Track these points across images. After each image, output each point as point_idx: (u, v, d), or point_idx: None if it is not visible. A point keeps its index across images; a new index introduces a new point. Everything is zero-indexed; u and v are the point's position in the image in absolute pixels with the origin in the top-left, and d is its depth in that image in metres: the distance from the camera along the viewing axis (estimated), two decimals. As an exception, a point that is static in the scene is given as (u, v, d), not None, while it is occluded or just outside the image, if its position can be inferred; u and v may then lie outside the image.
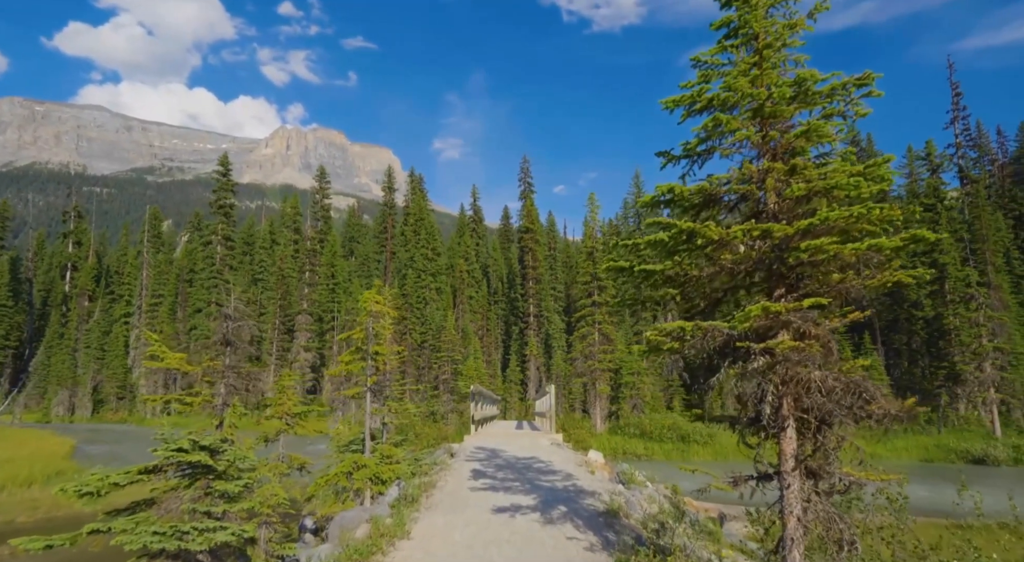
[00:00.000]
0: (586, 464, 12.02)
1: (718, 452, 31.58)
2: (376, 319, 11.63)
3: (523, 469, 11.28)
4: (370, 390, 11.29)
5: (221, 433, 8.48)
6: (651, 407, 42.09)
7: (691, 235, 4.52)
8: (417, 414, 40.88)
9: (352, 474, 10.39)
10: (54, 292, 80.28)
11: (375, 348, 11.52)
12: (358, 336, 11.57)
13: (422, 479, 9.69)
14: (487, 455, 12.59)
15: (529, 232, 59.16)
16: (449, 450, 13.14)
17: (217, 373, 8.92)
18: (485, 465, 11.32)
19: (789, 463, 4.42)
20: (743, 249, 4.63)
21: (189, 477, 7.64)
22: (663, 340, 4.68)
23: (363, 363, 11.52)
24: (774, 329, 4.45)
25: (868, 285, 4.34)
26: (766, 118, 4.73)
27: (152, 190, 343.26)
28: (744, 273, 4.85)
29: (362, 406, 12.20)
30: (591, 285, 42.60)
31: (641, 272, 4.91)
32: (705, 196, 4.97)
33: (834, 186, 4.19)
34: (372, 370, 11.47)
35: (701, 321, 4.50)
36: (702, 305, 5.27)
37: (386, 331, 12.22)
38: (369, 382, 11.36)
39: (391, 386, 12.56)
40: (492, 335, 58.96)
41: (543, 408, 23.30)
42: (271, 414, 11.81)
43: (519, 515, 8.08)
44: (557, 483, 10.13)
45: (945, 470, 28.52)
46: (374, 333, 11.60)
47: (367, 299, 11.54)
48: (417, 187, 73.94)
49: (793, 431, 4.48)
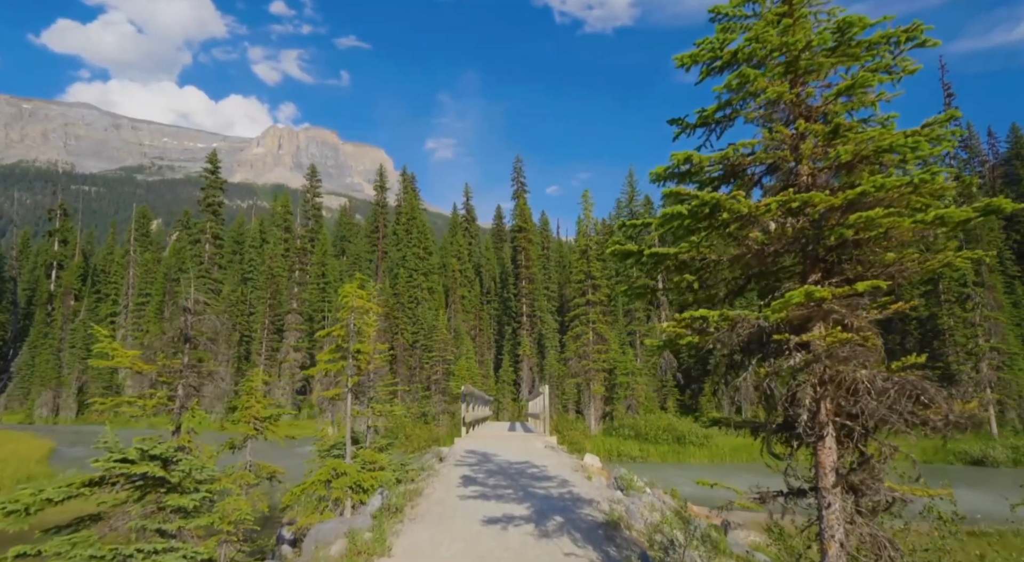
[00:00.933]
0: (582, 469, 11.38)
1: (714, 454, 31.04)
2: (358, 315, 10.91)
3: (516, 475, 10.63)
4: (351, 391, 10.53)
5: (177, 440, 7.76)
6: (645, 408, 41.55)
7: (715, 209, 3.89)
8: (408, 415, 40.14)
9: (331, 482, 9.67)
10: (39, 291, 79.02)
11: (357, 346, 10.75)
12: (338, 333, 10.82)
13: (408, 486, 9.02)
14: (478, 459, 11.95)
15: (522, 231, 58.55)
16: (438, 454, 12.47)
17: (174, 372, 8.19)
18: (476, 470, 10.66)
19: (829, 478, 3.80)
20: (773, 227, 4.01)
21: (140, 490, 6.92)
22: (682, 333, 4.04)
23: (343, 362, 10.75)
24: (813, 320, 3.82)
25: (926, 267, 3.73)
26: (800, 74, 4.10)
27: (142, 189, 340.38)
28: (772, 256, 4.22)
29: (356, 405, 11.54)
30: (585, 284, 42.04)
31: (652, 256, 4.28)
32: (727, 167, 4.33)
33: (888, 148, 3.56)
34: (353, 370, 10.71)
35: (728, 310, 3.85)
36: (722, 293, 4.63)
37: (370, 328, 11.50)
38: (350, 383, 10.60)
39: (376, 387, 11.79)
40: (485, 335, 58.31)
41: (536, 409, 22.66)
42: (237, 418, 11.05)
43: (512, 527, 7.44)
44: (552, 490, 9.49)
45: (946, 472, 28.05)
46: (356, 330, 10.86)
47: (348, 293, 10.78)
48: (409, 186, 73.26)
49: (833, 440, 3.86)
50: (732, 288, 4.62)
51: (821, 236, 3.83)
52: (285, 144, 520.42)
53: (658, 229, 4.28)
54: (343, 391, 10.66)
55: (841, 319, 3.78)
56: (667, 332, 4.06)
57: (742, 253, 4.21)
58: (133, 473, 6.57)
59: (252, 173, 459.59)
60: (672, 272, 4.49)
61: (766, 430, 4.37)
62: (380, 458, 10.54)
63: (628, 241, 4.48)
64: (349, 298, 10.70)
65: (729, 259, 4.31)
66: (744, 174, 4.39)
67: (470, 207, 79.47)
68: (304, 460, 13.52)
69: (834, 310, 3.69)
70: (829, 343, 3.63)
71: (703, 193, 3.81)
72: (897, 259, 3.77)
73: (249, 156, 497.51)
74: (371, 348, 10.97)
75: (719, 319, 3.83)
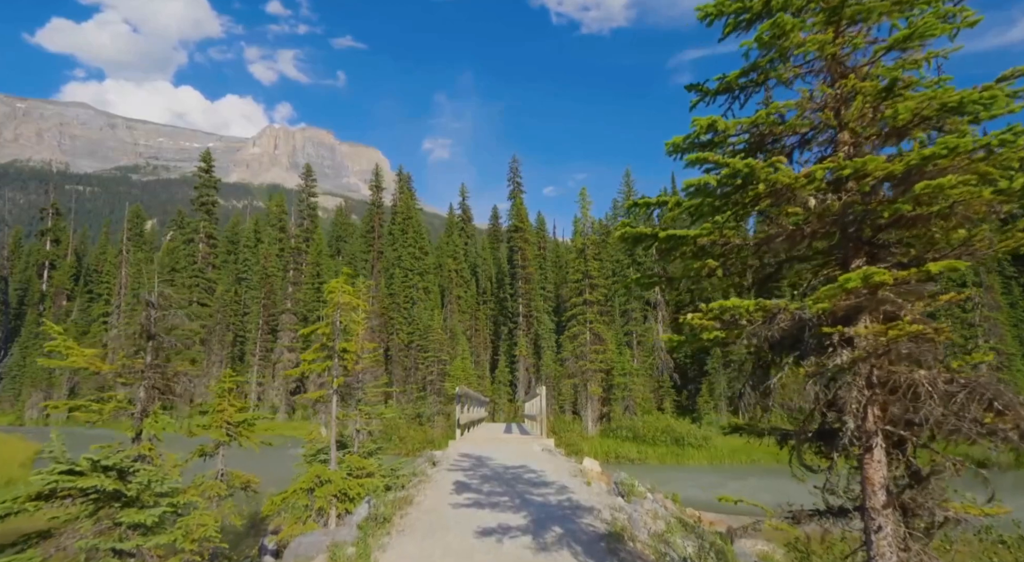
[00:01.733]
0: (581, 474, 10.85)
1: (713, 456, 30.56)
2: (345, 312, 10.33)
3: (512, 480, 10.10)
4: (336, 393, 9.94)
5: (137, 448, 7.20)
6: (642, 409, 41.08)
7: (748, 180, 3.37)
8: (402, 417, 39.54)
9: (314, 491, 9.10)
10: (31, 291, 78.30)
11: (343, 345, 10.14)
12: (323, 331, 10.22)
13: (398, 494, 8.48)
14: (472, 464, 11.41)
15: (519, 231, 58.04)
16: (431, 458, 11.91)
17: (135, 373, 7.63)
18: (470, 476, 10.13)
19: (878, 497, 3.27)
20: (813, 203, 3.49)
21: (95, 503, 6.33)
22: (708, 326, 3.52)
23: (329, 362, 10.15)
24: (862, 311, 3.29)
25: (1000, 248, 3.22)
26: (844, 24, 3.58)
27: (137, 189, 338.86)
28: (809, 238, 3.69)
29: (344, 408, 10.89)
30: (582, 283, 41.52)
31: (668, 240, 3.75)
32: (755, 137, 3.80)
33: (956, 106, 3.04)
34: (339, 370, 10.11)
35: (765, 300, 3.32)
36: (747, 282, 4.11)
37: (358, 326, 10.91)
38: (335, 384, 10.00)
39: (365, 388, 11.18)
40: (481, 335, 57.78)
41: (533, 411, 22.13)
42: (208, 422, 10.44)
43: (508, 539, 6.91)
44: (551, 497, 8.96)
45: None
46: (342, 328, 10.28)
47: (334, 289, 10.18)
48: (405, 185, 72.69)
49: (882, 452, 3.34)
50: (758, 277, 4.08)
51: (871, 213, 3.32)
52: (281, 144, 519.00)
53: (674, 209, 3.77)
54: (328, 393, 10.07)
55: (895, 310, 3.26)
56: (693, 326, 3.53)
57: (773, 236, 3.69)
58: (85, 487, 6.00)
59: (248, 173, 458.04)
60: (690, 258, 3.96)
61: (799, 439, 3.85)
62: (368, 464, 9.97)
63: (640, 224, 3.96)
64: (335, 294, 10.13)
65: (756, 243, 3.79)
66: (774, 145, 3.87)
67: (466, 207, 78.96)
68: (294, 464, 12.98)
69: (889, 299, 3.17)
70: (891, 337, 3.10)
71: (735, 160, 3.28)
72: (967, 239, 3.26)
73: (245, 156, 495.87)
74: (359, 347, 10.40)
75: (754, 309, 3.30)
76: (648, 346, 51.36)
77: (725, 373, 42.33)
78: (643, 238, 3.82)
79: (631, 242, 3.90)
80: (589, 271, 41.36)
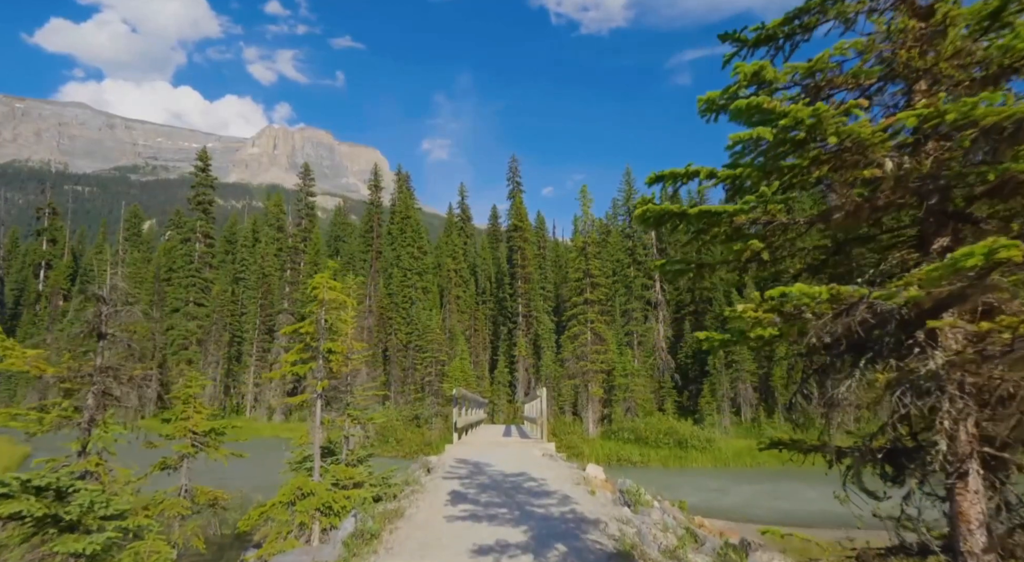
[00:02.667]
0: (584, 482, 10.20)
1: (717, 459, 29.91)
2: (331, 309, 9.62)
3: (511, 489, 9.46)
4: (320, 397, 9.22)
5: (84, 462, 6.54)
6: (644, 410, 40.45)
7: (811, 133, 2.70)
8: (399, 418, 38.87)
9: (295, 504, 8.41)
10: (27, 291, 77.71)
11: (328, 345, 9.43)
12: (306, 330, 9.49)
13: (388, 506, 7.84)
14: (469, 471, 10.76)
15: (518, 230, 57.42)
16: (426, 464, 11.26)
17: (82, 377, 6.96)
18: (466, 485, 9.48)
19: (976, 537, 2.59)
20: (890, 166, 2.83)
21: (32, 528, 5.61)
22: (765, 320, 2.85)
23: (312, 364, 9.43)
24: (965, 300, 2.62)
25: None
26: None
27: (136, 189, 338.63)
28: (879, 212, 3.02)
29: (332, 412, 10.20)
30: (583, 282, 40.84)
31: (701, 217, 3.11)
32: (812, 89, 3.14)
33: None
34: (324, 372, 9.38)
35: (840, 286, 2.64)
36: (796, 268, 3.46)
37: (346, 325, 10.22)
38: (319, 387, 9.30)
39: (354, 391, 10.43)
40: (480, 335, 57.15)
41: (533, 413, 21.49)
42: (171, 432, 9.71)
43: (506, 559, 6.27)
44: (552, 508, 8.32)
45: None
46: (327, 327, 9.58)
47: (319, 285, 9.46)
48: (404, 184, 72.10)
49: (979, 480, 2.69)
50: (810, 261, 3.43)
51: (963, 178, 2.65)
52: (281, 144, 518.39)
53: (708, 178, 3.12)
54: (312, 396, 9.36)
55: (994, 303, 2.62)
56: (744, 318, 2.87)
57: (833, 209, 3.04)
58: (7, 514, 5.26)
59: (248, 173, 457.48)
60: (726, 241, 3.31)
61: (862, 460, 3.21)
62: (357, 472, 9.26)
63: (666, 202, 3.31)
64: (320, 290, 9.43)
65: (810, 221, 3.13)
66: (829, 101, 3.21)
67: (465, 206, 78.37)
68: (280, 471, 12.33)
69: (999, 286, 2.52)
70: (996, 335, 2.45)
71: (796, 107, 2.63)
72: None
73: (244, 156, 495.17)
74: (346, 347, 9.70)
75: (826, 298, 2.61)
76: (649, 346, 50.73)
77: (728, 374, 41.70)
78: (668, 217, 3.18)
79: (653, 222, 3.25)
80: (590, 269, 40.69)
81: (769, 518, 17.45)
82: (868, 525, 3.36)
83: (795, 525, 16.45)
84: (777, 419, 38.75)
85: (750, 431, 37.48)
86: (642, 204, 3.23)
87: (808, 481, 24.56)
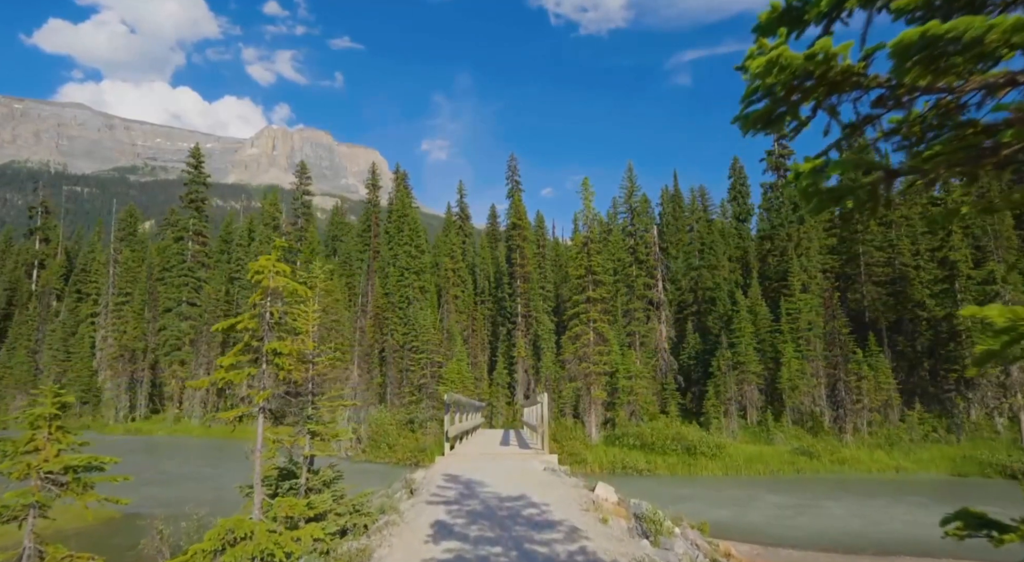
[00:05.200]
0: (594, 506, 8.79)
1: (728, 466, 28.50)
2: (276, 299, 7.86)
3: (508, 519, 8.02)
4: (263, 410, 7.55)
5: None
6: (647, 413, 39.03)
7: None
8: (393, 422, 37.45)
9: (224, 552, 6.74)
10: (19, 291, 76.49)
11: (273, 345, 7.86)
12: (245, 326, 7.73)
13: (352, 544, 6.44)
14: (459, 493, 9.29)
15: (517, 228, 56.06)
16: (409, 483, 9.81)
17: None
18: (454, 513, 8.03)
19: None
20: None
21: None
22: None
23: (252, 369, 7.77)
24: None
25: None
26: None
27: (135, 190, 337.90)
28: None
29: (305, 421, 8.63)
30: (585, 280, 39.31)
31: (927, 42, 1.67)
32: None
33: None
34: (269, 380, 7.76)
35: None
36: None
37: (305, 321, 8.55)
38: (259, 398, 7.62)
39: (317, 401, 8.47)
40: (478, 336, 55.76)
41: (533, 419, 20.07)
42: (8, 469, 7.38)
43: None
44: (558, 546, 6.89)
45: (988, 487, 25.54)
46: (274, 321, 7.90)
47: (262, 269, 7.67)
48: (401, 182, 70.92)
49: None
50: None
51: None
52: (280, 145, 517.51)
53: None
54: (253, 410, 7.66)
55: None
56: None
57: None
58: None
59: (247, 174, 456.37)
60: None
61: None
62: (319, 502, 7.56)
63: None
64: (264, 276, 7.74)
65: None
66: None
67: (464, 205, 77.10)
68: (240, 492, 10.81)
69: None
70: None
71: None
72: None
73: (243, 157, 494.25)
74: (297, 347, 7.97)
75: None
76: (651, 347, 49.33)
77: (734, 375, 40.28)
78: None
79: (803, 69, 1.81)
80: (592, 266, 39.15)
81: (800, 540, 15.93)
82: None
83: (831, 550, 15.04)
84: (785, 422, 37.35)
85: (758, 435, 36.11)
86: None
87: (827, 493, 23.14)
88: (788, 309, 41.69)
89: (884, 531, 16.80)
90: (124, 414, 56.33)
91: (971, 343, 38.53)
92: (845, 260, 49.25)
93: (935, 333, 42.96)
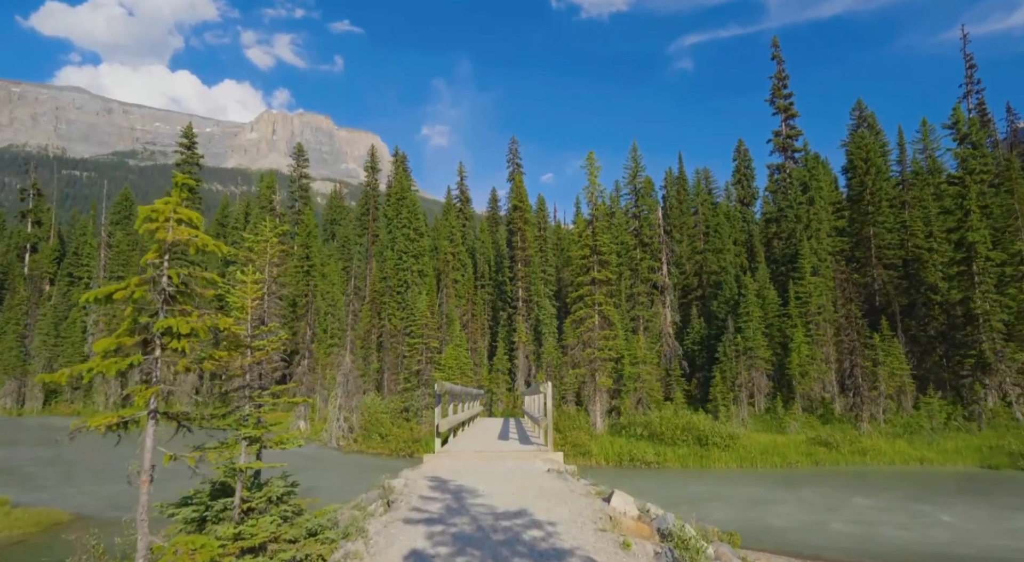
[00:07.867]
0: (611, 524, 7.12)
1: (743, 457, 26.91)
2: (176, 256, 5.62)
3: (504, 545, 6.25)
4: (153, 414, 5.47)
5: None
6: (653, 400, 37.44)
7: None
8: (386, 411, 35.88)
9: None
10: (10, 275, 74.99)
11: (167, 322, 5.41)
12: (123, 294, 5.51)
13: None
14: (445, 506, 7.58)
15: (518, 210, 54.30)
16: (386, 493, 8.13)
17: None
18: (436, 538, 6.29)
19: None
20: None
21: None
22: None
23: (136, 357, 5.37)
24: None
25: None
26: None
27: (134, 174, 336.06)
28: None
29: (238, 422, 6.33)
30: (590, 260, 37.37)
31: None
32: None
33: None
34: (160, 371, 5.51)
35: None
36: None
37: (243, 294, 6.51)
38: (140, 400, 5.20)
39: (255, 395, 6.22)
40: (478, 321, 54.16)
41: (534, 410, 18.42)
42: None
43: None
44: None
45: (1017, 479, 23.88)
46: (175, 289, 6.17)
47: (157, 214, 5.53)
48: (401, 165, 69.16)
49: None
50: None
51: None
52: (279, 130, 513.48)
53: None
54: (141, 414, 5.56)
55: None
56: None
57: None
58: None
59: (247, 159, 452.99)
60: None
61: None
62: (258, 528, 5.57)
63: None
64: (158, 224, 5.55)
65: None
66: None
67: (464, 187, 75.34)
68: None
69: None
70: None
71: None
72: None
73: (243, 141, 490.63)
74: (203, 328, 5.78)
75: None
76: (655, 332, 47.70)
77: (742, 360, 38.62)
78: None
79: None
80: (598, 246, 37.21)
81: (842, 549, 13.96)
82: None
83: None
84: (795, 410, 35.77)
85: (769, 423, 34.55)
86: None
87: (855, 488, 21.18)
88: (798, 293, 39.95)
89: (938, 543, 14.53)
90: (114, 401, 54.91)
91: (989, 327, 36.82)
92: (855, 242, 47.45)
93: (949, 317, 41.22)
